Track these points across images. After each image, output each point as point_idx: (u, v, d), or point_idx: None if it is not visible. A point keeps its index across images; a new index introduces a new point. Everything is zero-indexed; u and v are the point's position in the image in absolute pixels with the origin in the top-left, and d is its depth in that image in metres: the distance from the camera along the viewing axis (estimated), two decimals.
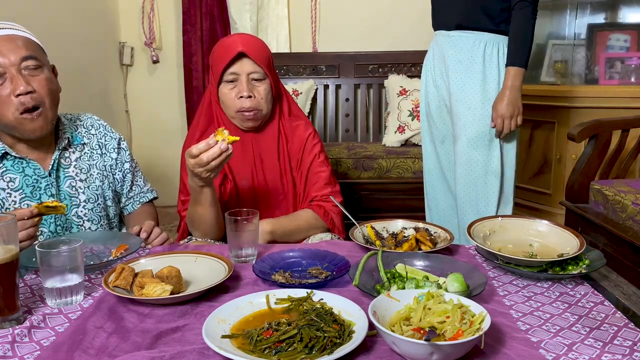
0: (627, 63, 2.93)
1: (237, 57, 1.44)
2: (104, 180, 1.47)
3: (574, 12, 3.03)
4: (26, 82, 1.26)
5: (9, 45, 1.26)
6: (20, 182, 1.34)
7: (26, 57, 1.27)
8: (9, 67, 1.25)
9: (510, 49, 1.81)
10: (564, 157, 2.91)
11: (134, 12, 3.53)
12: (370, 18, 3.44)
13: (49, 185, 1.37)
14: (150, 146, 3.69)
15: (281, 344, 0.81)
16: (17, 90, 1.25)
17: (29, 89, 1.26)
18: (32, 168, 1.35)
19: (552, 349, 0.83)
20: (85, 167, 1.44)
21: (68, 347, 0.85)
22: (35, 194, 1.35)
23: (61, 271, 0.99)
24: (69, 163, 1.42)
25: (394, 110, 3.03)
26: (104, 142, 1.50)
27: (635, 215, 1.85)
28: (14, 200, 1.33)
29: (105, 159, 1.49)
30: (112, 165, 1.50)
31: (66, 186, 1.40)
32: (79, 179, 1.42)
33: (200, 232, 1.44)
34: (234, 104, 1.46)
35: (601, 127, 2.20)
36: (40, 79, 1.30)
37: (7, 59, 1.25)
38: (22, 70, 1.27)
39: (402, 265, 1.08)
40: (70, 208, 1.40)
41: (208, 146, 1.22)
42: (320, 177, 1.56)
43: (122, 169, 1.52)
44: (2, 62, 1.25)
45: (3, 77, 1.25)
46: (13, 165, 1.34)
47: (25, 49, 1.28)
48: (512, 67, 1.79)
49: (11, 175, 1.33)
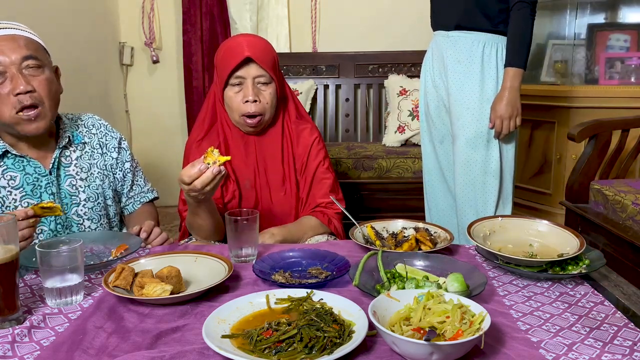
0: (627, 63, 2.93)
1: (244, 61, 1.44)
2: (105, 179, 1.47)
3: (574, 12, 3.03)
4: (26, 82, 1.26)
5: (10, 44, 1.26)
6: (20, 180, 1.34)
7: (27, 57, 1.27)
8: (10, 66, 1.26)
9: (509, 50, 1.80)
10: (564, 157, 2.91)
11: (134, 12, 3.54)
12: (370, 18, 3.44)
13: (50, 183, 1.37)
14: (150, 146, 3.70)
15: (281, 344, 0.81)
16: (16, 89, 1.25)
17: (29, 88, 1.26)
18: (32, 166, 1.35)
19: (552, 349, 0.83)
20: (85, 166, 1.44)
21: (68, 347, 0.85)
22: (35, 192, 1.35)
23: (61, 271, 0.99)
24: (69, 162, 1.42)
25: (394, 110, 3.03)
26: (104, 141, 1.50)
27: (635, 215, 1.85)
28: (15, 199, 1.33)
29: (106, 158, 1.49)
30: (113, 164, 1.50)
31: (67, 185, 1.40)
32: (79, 177, 1.42)
33: (200, 237, 1.45)
34: (239, 108, 1.46)
35: (601, 127, 2.20)
36: (40, 79, 1.30)
37: (8, 57, 1.25)
38: (23, 70, 1.27)
39: (402, 265, 1.08)
40: (70, 207, 1.40)
41: (200, 172, 1.19)
42: (325, 184, 1.57)
43: (122, 169, 1.53)
44: (2, 60, 1.25)
45: (3, 75, 1.26)
46: (14, 163, 1.34)
47: (26, 48, 1.28)
48: (511, 68, 1.78)
49: (12, 173, 1.34)
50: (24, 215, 1.13)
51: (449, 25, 1.89)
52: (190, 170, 1.20)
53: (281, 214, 1.56)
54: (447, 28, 1.90)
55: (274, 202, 1.55)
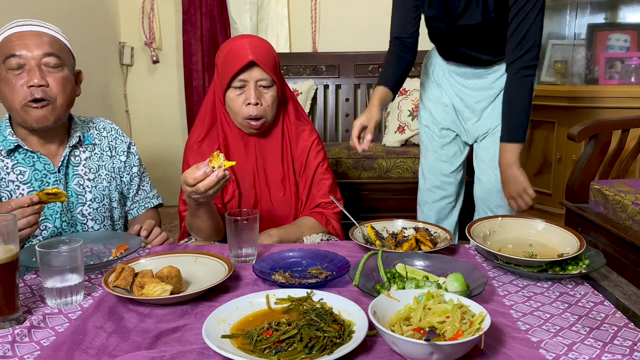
0: (627, 63, 2.93)
1: (247, 64, 1.43)
2: (112, 181, 1.49)
3: (574, 12, 3.03)
4: (41, 76, 1.29)
5: (35, 39, 1.29)
6: (29, 175, 1.36)
7: (48, 54, 1.30)
8: (30, 60, 1.29)
9: (508, 123, 1.61)
10: (564, 157, 2.91)
11: (134, 12, 3.54)
12: (370, 18, 3.44)
13: (57, 181, 1.39)
14: (150, 146, 3.70)
15: (281, 344, 0.81)
16: (30, 82, 1.28)
17: (42, 82, 1.29)
18: (42, 163, 1.38)
19: (552, 349, 0.83)
20: (94, 167, 1.46)
21: (68, 347, 0.85)
22: (43, 188, 1.36)
23: (61, 271, 0.99)
24: (78, 161, 1.44)
25: (394, 110, 3.03)
26: (114, 144, 1.52)
27: (635, 215, 1.85)
28: (22, 194, 1.35)
29: (115, 161, 1.51)
30: (121, 167, 1.52)
31: (74, 184, 1.42)
32: (87, 177, 1.44)
33: (200, 238, 1.45)
34: (241, 111, 1.46)
35: (601, 127, 2.20)
36: (57, 76, 1.32)
37: (30, 52, 1.28)
38: (42, 66, 1.30)
39: (402, 265, 1.08)
40: (75, 206, 1.42)
41: (205, 175, 1.18)
42: (324, 184, 1.58)
43: (130, 172, 1.55)
44: (24, 54, 1.28)
45: (22, 68, 1.29)
46: (24, 158, 1.37)
47: (49, 46, 1.31)
48: (509, 144, 1.60)
49: (21, 168, 1.36)
50: (29, 201, 1.14)
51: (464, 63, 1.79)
52: (195, 173, 1.19)
53: (280, 214, 1.56)
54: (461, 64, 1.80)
55: (273, 202, 1.55)
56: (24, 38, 1.28)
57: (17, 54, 1.27)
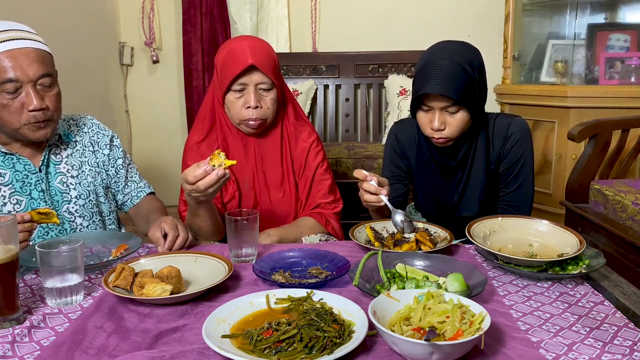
0: (627, 63, 2.93)
1: (247, 67, 1.43)
2: (97, 176, 1.49)
3: (574, 12, 3.03)
4: (40, 99, 1.29)
5: (26, 59, 1.28)
6: (10, 177, 1.36)
7: (43, 75, 1.30)
8: (26, 83, 1.28)
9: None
10: (564, 157, 2.91)
11: (134, 12, 3.53)
12: (370, 18, 3.44)
13: (39, 180, 1.38)
14: (150, 146, 3.70)
15: (281, 343, 0.81)
16: (30, 106, 1.28)
17: (43, 105, 1.30)
18: (22, 164, 1.38)
19: (552, 349, 0.83)
20: (76, 164, 1.46)
21: (68, 347, 0.85)
22: (25, 189, 1.37)
23: (61, 271, 0.99)
24: (60, 160, 1.44)
25: (394, 110, 3.03)
26: (96, 139, 1.52)
27: (635, 215, 1.85)
28: (3, 195, 1.35)
29: (97, 155, 1.51)
30: (105, 161, 1.52)
31: (57, 182, 1.42)
32: (70, 175, 1.44)
33: (200, 238, 1.45)
34: (241, 114, 1.46)
35: (601, 127, 2.20)
36: (52, 95, 1.33)
37: (26, 74, 1.27)
38: (37, 86, 1.30)
39: (402, 265, 1.08)
40: (61, 204, 1.42)
41: (205, 173, 1.19)
42: (324, 185, 1.58)
43: (114, 165, 1.54)
44: (20, 77, 1.27)
45: (19, 90, 1.28)
46: (3, 161, 1.36)
47: (42, 65, 1.30)
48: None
49: (1, 170, 1.36)
50: (20, 219, 1.14)
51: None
52: (195, 171, 1.20)
53: (280, 214, 1.56)
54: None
55: (272, 202, 1.55)
56: (16, 59, 1.26)
57: (13, 79, 1.26)
